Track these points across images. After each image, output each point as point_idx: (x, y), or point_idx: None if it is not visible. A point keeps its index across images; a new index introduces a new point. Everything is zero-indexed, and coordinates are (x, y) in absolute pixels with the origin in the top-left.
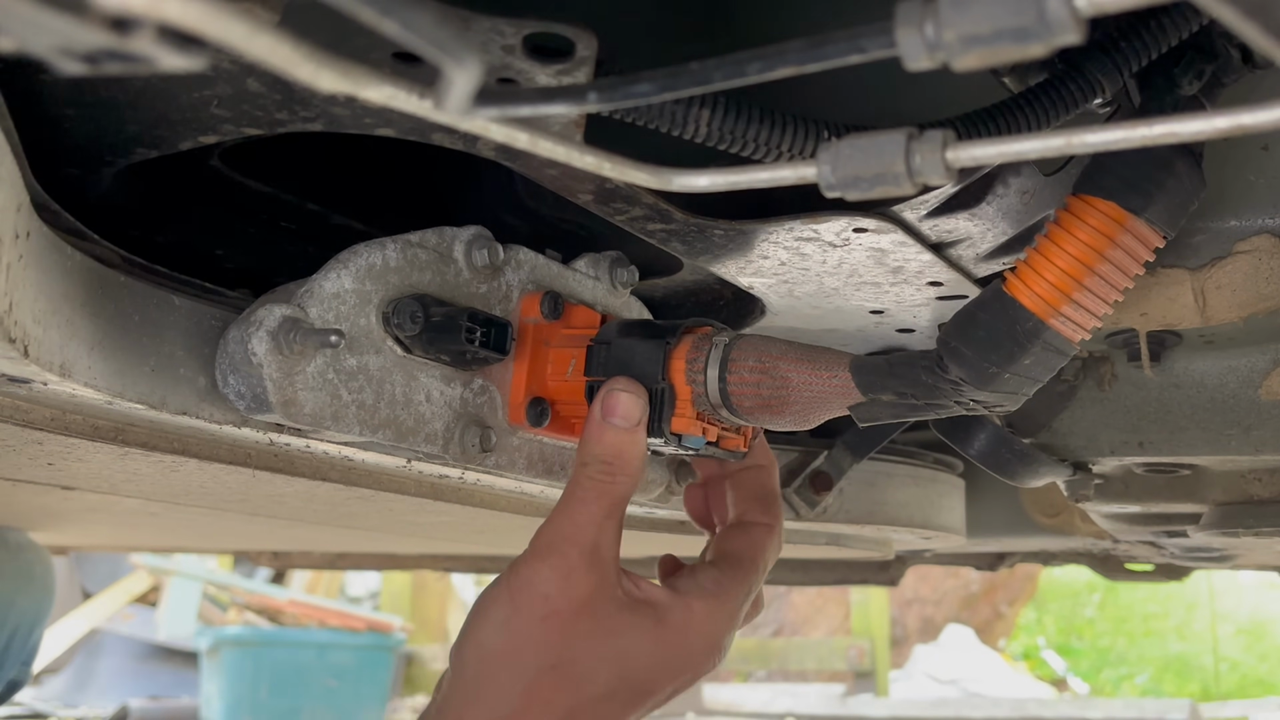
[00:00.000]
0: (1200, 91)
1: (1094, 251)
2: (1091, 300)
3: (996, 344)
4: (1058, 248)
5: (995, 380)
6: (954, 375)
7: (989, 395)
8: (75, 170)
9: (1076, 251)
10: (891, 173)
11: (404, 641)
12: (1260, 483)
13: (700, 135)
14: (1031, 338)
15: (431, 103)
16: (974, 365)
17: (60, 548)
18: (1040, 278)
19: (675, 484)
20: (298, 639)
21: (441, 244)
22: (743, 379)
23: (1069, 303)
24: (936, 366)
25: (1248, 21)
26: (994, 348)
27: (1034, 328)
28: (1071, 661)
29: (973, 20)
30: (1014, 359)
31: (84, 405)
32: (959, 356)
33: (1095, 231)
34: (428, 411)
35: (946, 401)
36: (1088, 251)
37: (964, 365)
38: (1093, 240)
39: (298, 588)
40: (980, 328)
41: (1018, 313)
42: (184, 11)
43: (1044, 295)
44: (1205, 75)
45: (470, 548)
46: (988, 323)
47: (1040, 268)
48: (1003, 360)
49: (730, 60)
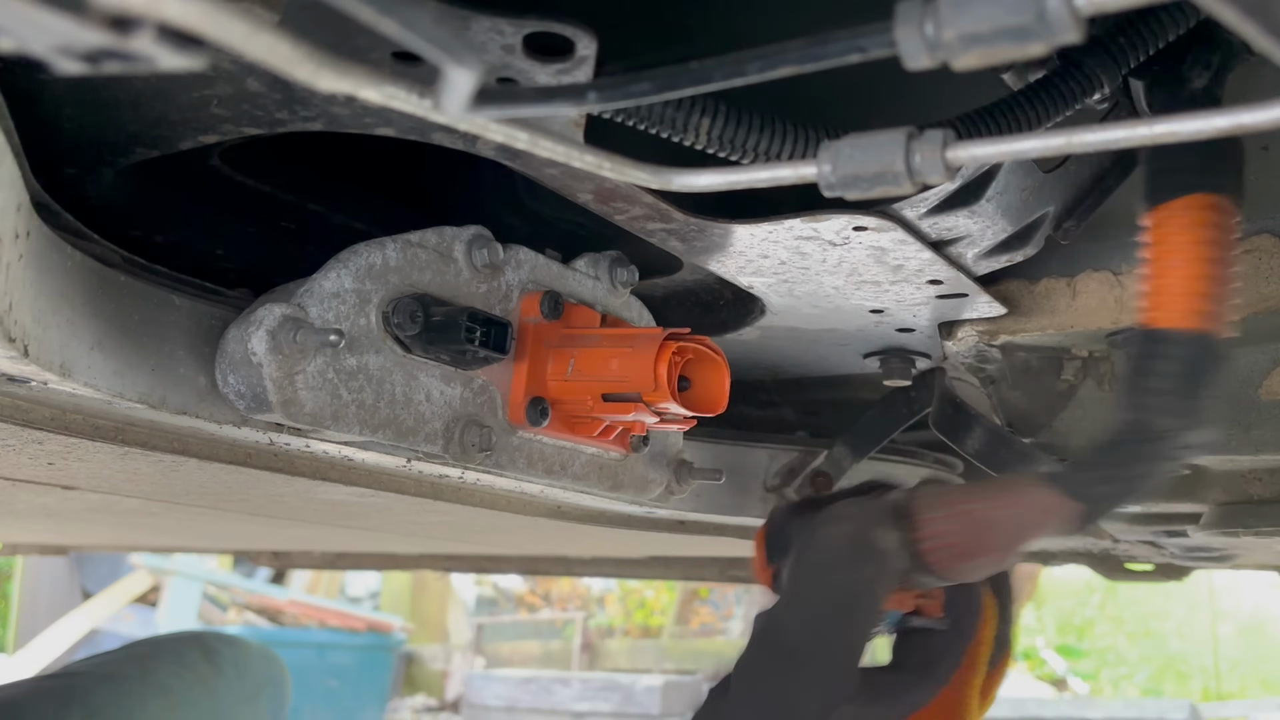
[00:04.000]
0: (1211, 81)
1: (1205, 244)
2: (1224, 289)
3: (1183, 377)
4: (1171, 260)
5: (1205, 412)
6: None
7: (1203, 432)
8: (75, 170)
9: (1191, 253)
10: (891, 172)
11: (404, 641)
12: (1260, 483)
13: (700, 142)
14: (1209, 351)
15: (431, 102)
16: (1182, 410)
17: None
18: (1175, 295)
19: (675, 484)
20: (298, 639)
21: (441, 244)
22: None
23: (1213, 301)
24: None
25: (1248, 21)
26: (1185, 381)
27: (1204, 341)
28: (1071, 661)
29: (972, 20)
30: (1206, 380)
31: (84, 405)
32: (1160, 410)
33: (1195, 226)
34: (428, 411)
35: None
36: (1200, 246)
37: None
38: (1198, 234)
39: (298, 588)
40: (1160, 374)
41: (1180, 338)
42: (183, 11)
43: (1190, 307)
44: (1213, 66)
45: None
46: (1164, 365)
47: (1171, 288)
48: (1199, 387)
49: (730, 60)
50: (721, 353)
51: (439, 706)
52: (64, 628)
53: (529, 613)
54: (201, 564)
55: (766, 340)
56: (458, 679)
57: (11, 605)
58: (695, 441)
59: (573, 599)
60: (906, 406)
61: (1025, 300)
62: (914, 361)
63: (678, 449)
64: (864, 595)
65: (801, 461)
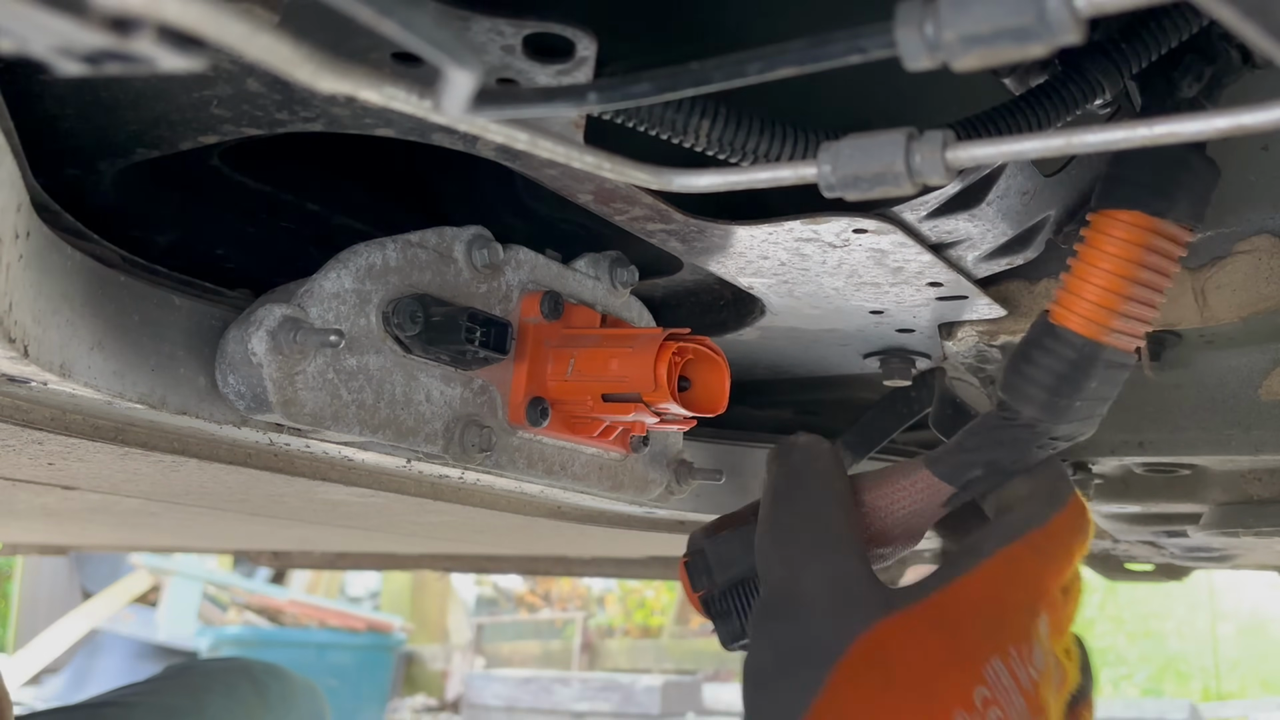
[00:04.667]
0: (1201, 93)
1: (1129, 262)
2: (1138, 309)
3: (1060, 376)
4: (1093, 267)
5: (1069, 411)
6: (1027, 419)
7: (1068, 428)
8: (75, 170)
9: (1113, 266)
10: (891, 173)
11: (404, 641)
12: (1260, 483)
13: (700, 144)
14: (1091, 360)
15: (431, 103)
16: (1045, 404)
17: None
18: (1083, 300)
19: (675, 484)
20: (298, 639)
21: (441, 244)
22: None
23: (1117, 317)
24: (1006, 420)
25: (1247, 22)
26: (1059, 380)
27: (1091, 350)
28: None
29: (973, 20)
30: (1081, 386)
31: (84, 405)
32: (1027, 399)
33: (1126, 243)
34: (428, 411)
35: (1032, 450)
36: (1123, 264)
37: (1036, 406)
38: (1126, 252)
39: (298, 588)
40: (1039, 365)
41: (1071, 339)
42: (183, 12)
43: (1092, 316)
44: (1205, 77)
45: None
46: (1044, 358)
47: (1081, 290)
48: (1071, 390)
49: (730, 60)
50: (721, 353)
51: (439, 706)
52: (64, 628)
53: (529, 613)
54: (201, 564)
55: (766, 340)
56: (458, 679)
57: (11, 605)
58: (695, 441)
59: (573, 599)
60: (906, 406)
61: (1025, 301)
62: (914, 362)
63: (678, 449)
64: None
65: None
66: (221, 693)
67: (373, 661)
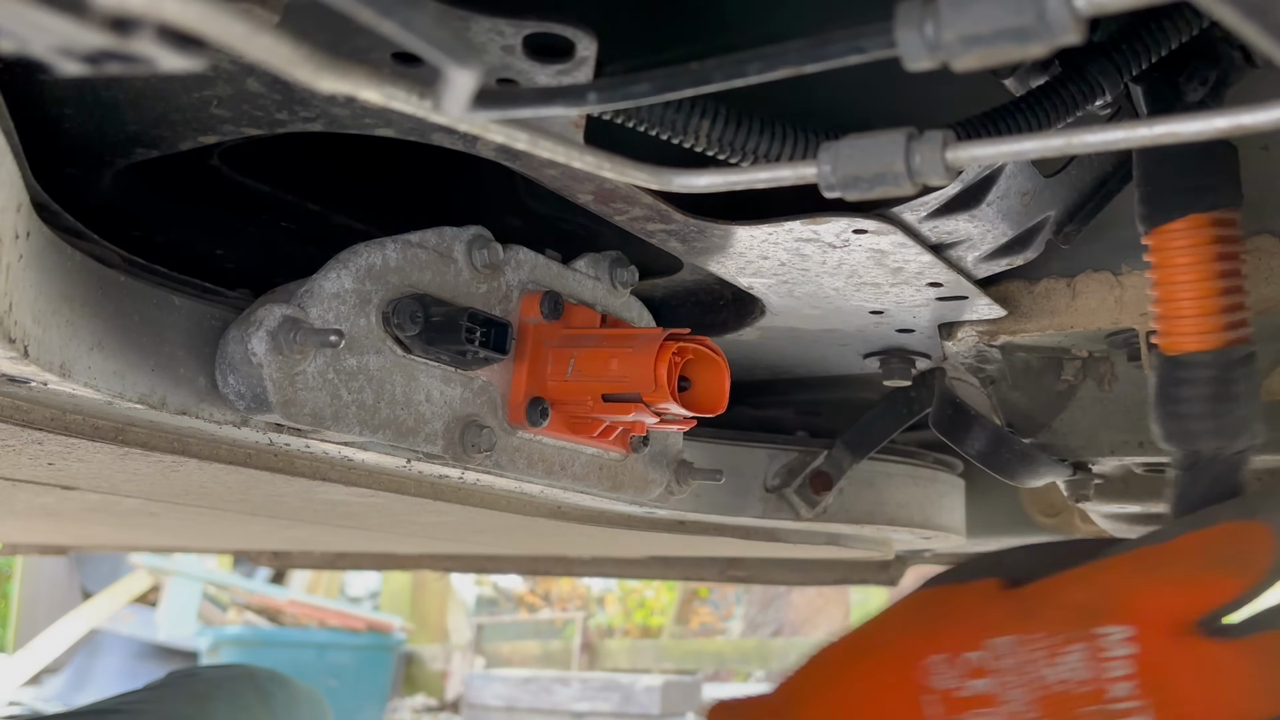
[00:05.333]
0: (1207, 96)
1: (1208, 263)
2: (1233, 299)
3: (1212, 398)
4: (1177, 284)
5: (1240, 424)
6: (1209, 454)
7: (1244, 439)
8: (75, 170)
9: (1195, 275)
10: (891, 173)
11: (404, 641)
12: (1260, 483)
13: (700, 144)
14: (1228, 368)
15: (431, 103)
16: (1216, 430)
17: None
18: (1185, 319)
19: (675, 484)
20: (298, 639)
21: (441, 244)
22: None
23: (1222, 316)
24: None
25: (1248, 22)
26: (1213, 402)
27: (1222, 359)
28: None
29: (973, 20)
30: (1234, 395)
31: (84, 405)
32: (1198, 436)
33: (1195, 248)
34: (428, 411)
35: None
36: (1203, 267)
37: (1210, 437)
38: (1199, 256)
39: (298, 588)
40: (1186, 400)
41: (1199, 360)
42: (183, 12)
43: (1202, 329)
44: (1210, 81)
45: (470, 548)
46: (1187, 390)
47: (1178, 311)
48: (1228, 404)
49: (730, 60)
50: (721, 353)
51: (439, 706)
52: (64, 628)
53: (529, 613)
54: (201, 564)
55: (766, 340)
56: (458, 679)
57: (11, 605)
58: (695, 441)
59: (573, 599)
60: (906, 407)
61: (1025, 301)
62: (914, 362)
63: (678, 449)
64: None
65: (801, 461)
66: (226, 700)
67: (373, 661)
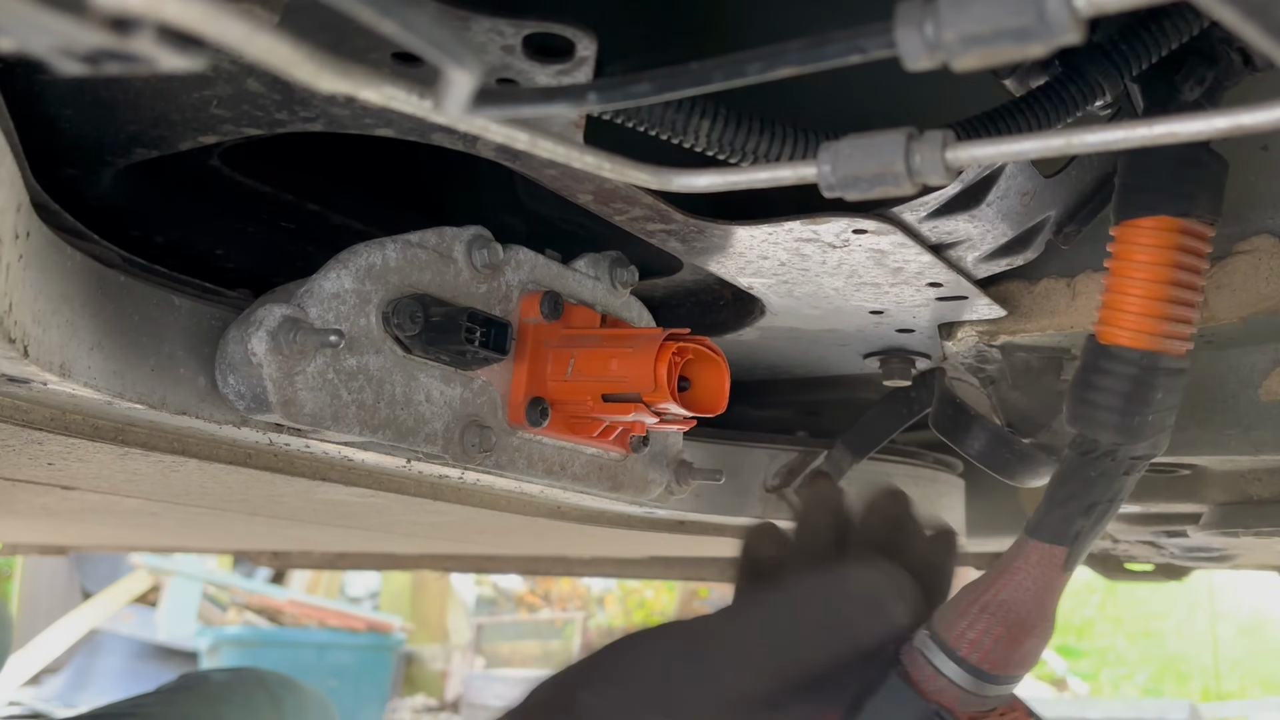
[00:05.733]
0: (1203, 97)
1: (1164, 266)
2: (1181, 310)
3: (1126, 395)
4: (1129, 278)
5: (1144, 428)
6: (1107, 447)
7: (1145, 445)
8: (75, 170)
9: (1149, 274)
10: (891, 173)
11: (404, 641)
12: (1260, 483)
13: (700, 144)
14: (1152, 372)
15: (431, 103)
16: (1120, 426)
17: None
18: (1127, 314)
19: (675, 484)
20: (298, 639)
21: (441, 244)
22: (972, 642)
23: (1165, 323)
24: (1086, 456)
25: (1248, 22)
26: (1127, 399)
27: (1149, 361)
28: (1071, 661)
29: (972, 20)
30: (1149, 399)
31: (84, 405)
32: (1100, 425)
33: (1156, 248)
34: (428, 411)
35: (1120, 477)
36: (1158, 269)
37: (1111, 431)
38: (1158, 257)
39: (298, 588)
40: (1101, 389)
41: (1127, 355)
42: (183, 11)
43: (1140, 328)
44: (1207, 81)
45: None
46: (1105, 380)
47: (1122, 304)
48: (1140, 405)
49: (730, 60)
50: (721, 353)
51: (439, 706)
52: (64, 628)
53: (529, 613)
54: (201, 564)
55: (766, 341)
56: (458, 679)
57: (11, 605)
58: (695, 441)
59: (573, 599)
60: (906, 407)
61: (1025, 301)
62: (914, 362)
63: (678, 449)
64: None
65: (801, 461)
66: (239, 704)
67: (372, 661)
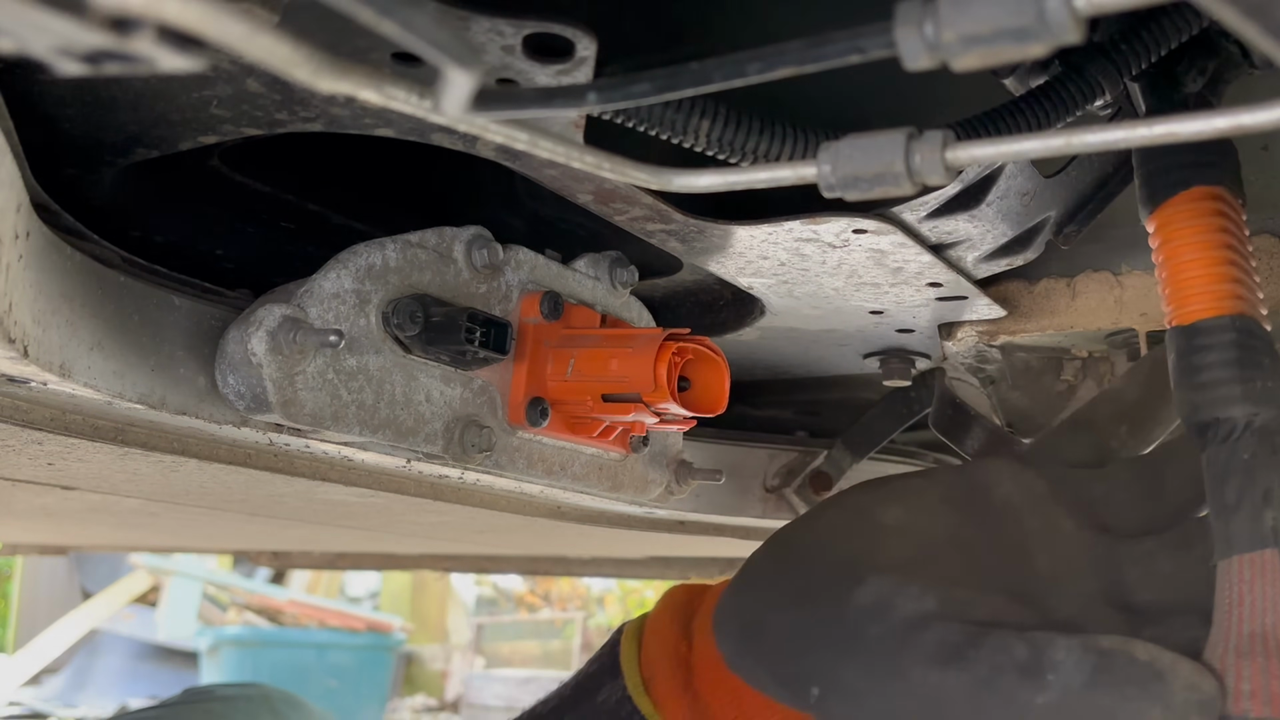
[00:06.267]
0: (1205, 88)
1: (1217, 233)
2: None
3: (1237, 360)
4: (1187, 253)
5: (1271, 393)
6: (1244, 420)
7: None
8: (75, 170)
9: (1206, 242)
10: (891, 173)
11: (404, 641)
12: None
13: (700, 144)
14: (1250, 334)
15: (431, 104)
16: (1245, 395)
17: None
18: (1200, 287)
19: (675, 484)
20: (298, 639)
21: (441, 244)
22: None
23: (1239, 285)
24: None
25: (1248, 22)
26: (1239, 365)
27: (1242, 324)
28: None
29: (972, 20)
30: (1260, 362)
31: (84, 405)
32: (1226, 401)
33: (1204, 216)
34: (428, 411)
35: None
36: (1214, 236)
37: (1239, 402)
38: (1209, 225)
39: (298, 588)
40: (1209, 367)
41: (1218, 324)
42: (183, 12)
43: (1221, 294)
44: (1208, 71)
45: (470, 548)
46: (1208, 356)
47: (1192, 282)
48: (1254, 367)
49: (730, 60)
50: (721, 353)
51: (439, 706)
52: (64, 627)
53: (529, 613)
54: (201, 564)
55: (766, 340)
56: (458, 679)
57: (11, 605)
58: (695, 441)
59: (573, 599)
60: (906, 407)
61: (1025, 301)
62: (914, 362)
63: (678, 449)
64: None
65: (801, 461)
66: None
67: (372, 661)
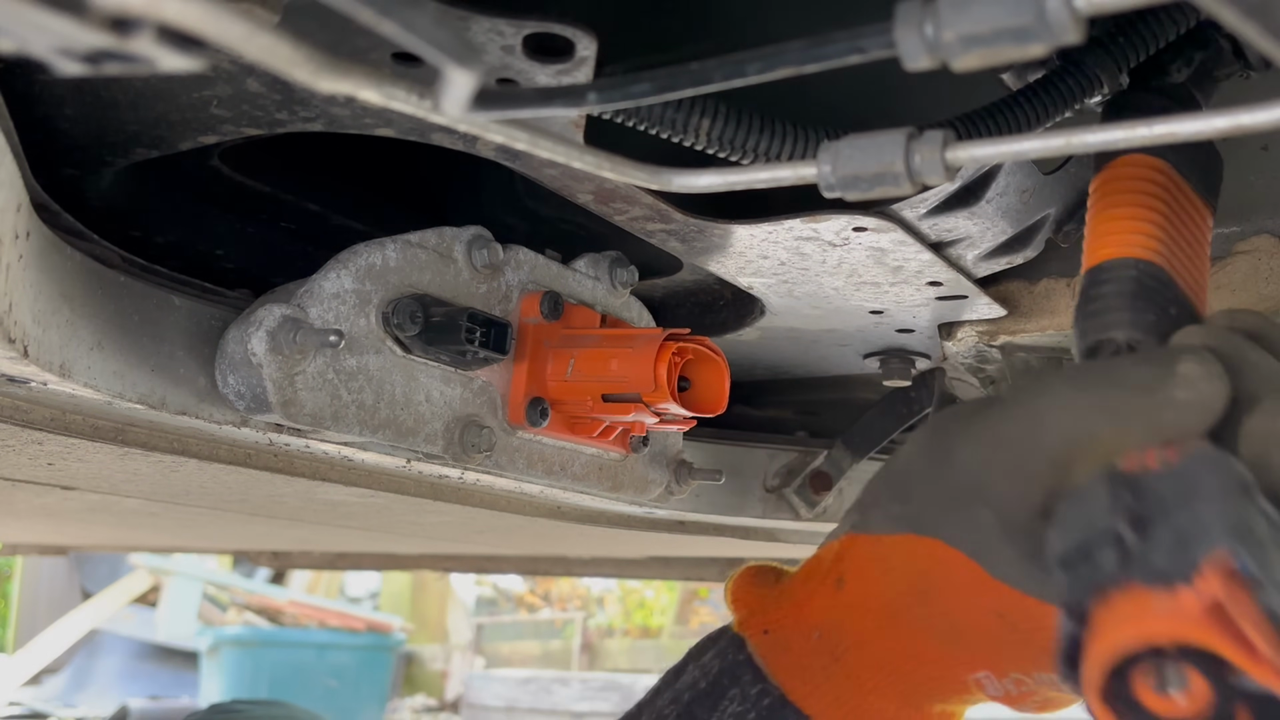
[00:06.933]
0: (1190, 80)
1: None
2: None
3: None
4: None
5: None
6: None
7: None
8: (75, 170)
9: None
10: (891, 172)
11: (404, 641)
12: None
13: (700, 143)
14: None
15: (431, 103)
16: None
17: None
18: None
19: (675, 484)
20: (298, 639)
21: (441, 244)
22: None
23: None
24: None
25: (1248, 21)
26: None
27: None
28: None
29: (972, 20)
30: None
31: (84, 405)
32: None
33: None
34: (428, 411)
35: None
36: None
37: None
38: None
39: (298, 588)
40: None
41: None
42: (183, 12)
43: (1131, 241)
44: (1194, 62)
45: (470, 548)
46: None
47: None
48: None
49: (730, 60)
50: (721, 353)
51: (439, 706)
52: (64, 628)
53: (529, 613)
54: (201, 564)
55: (766, 340)
56: (457, 679)
57: (11, 605)
58: (695, 441)
59: (573, 599)
60: (906, 407)
61: (1025, 301)
62: (914, 362)
63: (678, 449)
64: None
65: (801, 461)
66: None
67: (372, 661)
